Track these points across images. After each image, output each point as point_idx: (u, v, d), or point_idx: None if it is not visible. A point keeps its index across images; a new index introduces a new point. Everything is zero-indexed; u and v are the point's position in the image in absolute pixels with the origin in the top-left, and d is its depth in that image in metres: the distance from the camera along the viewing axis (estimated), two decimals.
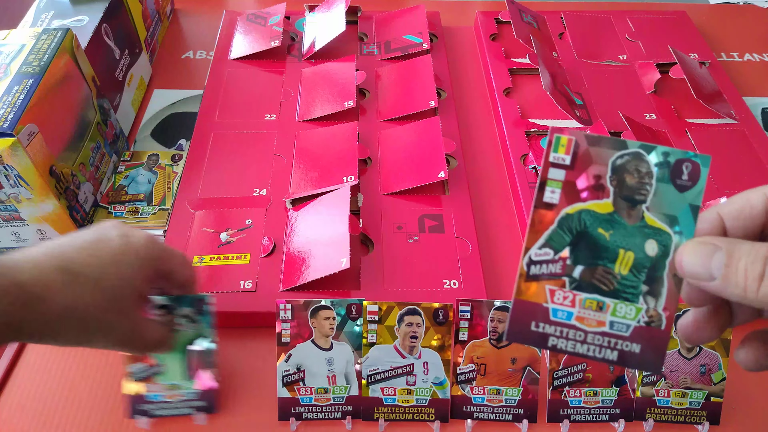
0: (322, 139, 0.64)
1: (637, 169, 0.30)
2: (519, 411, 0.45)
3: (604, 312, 0.30)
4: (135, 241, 0.37)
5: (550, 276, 0.30)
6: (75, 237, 0.37)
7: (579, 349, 0.31)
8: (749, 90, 0.76)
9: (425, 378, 0.44)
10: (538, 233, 0.30)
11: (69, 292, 0.33)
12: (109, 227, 0.38)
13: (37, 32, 0.54)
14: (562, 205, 0.30)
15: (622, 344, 0.30)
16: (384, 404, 0.45)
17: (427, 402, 0.45)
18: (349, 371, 0.45)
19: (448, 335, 0.44)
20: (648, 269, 0.30)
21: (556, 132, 0.30)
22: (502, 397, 0.45)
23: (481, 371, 0.44)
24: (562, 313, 0.31)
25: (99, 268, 0.35)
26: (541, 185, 0.30)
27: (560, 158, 0.30)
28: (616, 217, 0.30)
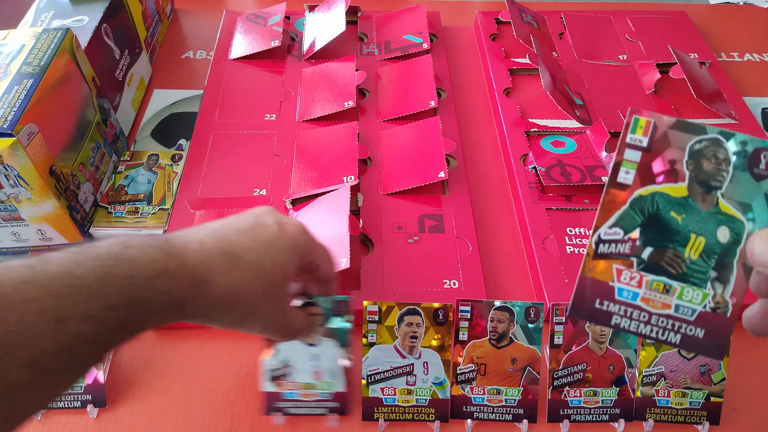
0: (322, 139, 0.64)
1: (715, 155, 0.30)
2: (519, 411, 0.45)
3: (670, 295, 0.31)
4: (290, 229, 0.38)
5: (618, 255, 0.31)
6: (235, 220, 0.37)
7: (642, 330, 0.31)
8: (749, 90, 0.76)
9: (425, 378, 0.44)
10: (610, 212, 0.30)
11: (231, 275, 0.34)
12: (265, 213, 0.38)
13: (37, 32, 0.54)
14: (636, 187, 0.30)
15: (686, 328, 0.31)
16: (384, 404, 0.45)
17: (427, 402, 0.45)
18: (336, 367, 0.45)
19: (448, 335, 0.44)
20: (718, 255, 0.30)
21: (635, 113, 0.30)
22: (502, 397, 0.45)
23: (481, 371, 0.44)
24: (628, 293, 0.31)
25: (257, 253, 0.35)
26: (615, 165, 0.30)
27: (637, 140, 0.30)
28: (690, 202, 0.30)
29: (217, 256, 0.34)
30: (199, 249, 0.33)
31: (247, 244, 0.35)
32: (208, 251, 0.33)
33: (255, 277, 0.35)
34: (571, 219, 0.57)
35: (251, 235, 0.36)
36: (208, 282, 0.33)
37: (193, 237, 0.34)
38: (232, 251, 0.34)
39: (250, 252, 0.35)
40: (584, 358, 0.45)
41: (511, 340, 0.44)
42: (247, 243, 0.35)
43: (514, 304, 0.44)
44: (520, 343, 0.44)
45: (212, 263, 0.33)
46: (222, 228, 0.36)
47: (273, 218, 0.38)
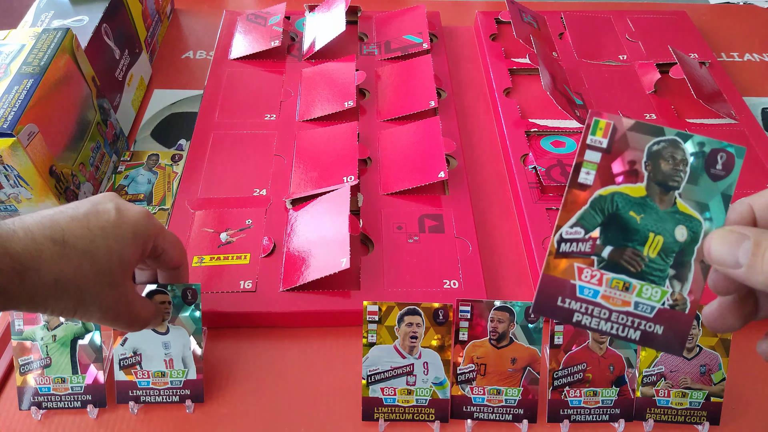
0: (322, 139, 0.64)
1: (673, 156, 0.30)
2: (519, 411, 0.45)
3: (629, 292, 0.31)
4: (130, 216, 0.37)
5: (579, 254, 0.31)
6: (69, 207, 0.36)
7: (603, 327, 0.32)
8: (749, 90, 0.76)
9: (425, 378, 0.44)
10: (571, 212, 0.31)
11: (60, 263, 0.33)
12: (104, 200, 0.38)
13: (37, 32, 0.54)
14: (596, 187, 0.31)
15: (645, 325, 0.31)
16: (384, 404, 0.45)
17: (427, 402, 0.45)
18: (186, 355, 0.45)
19: (448, 335, 0.44)
20: (676, 254, 0.31)
21: (595, 115, 0.31)
22: (502, 397, 0.45)
23: (481, 371, 0.44)
24: (589, 291, 0.31)
25: (91, 240, 0.35)
26: (576, 166, 0.31)
27: (597, 141, 0.31)
28: (649, 202, 0.31)
29: (44, 244, 0.33)
30: (25, 236, 0.33)
31: (80, 231, 0.35)
32: (35, 238, 0.33)
33: (88, 265, 0.34)
34: None
35: (85, 222, 0.35)
36: (33, 269, 0.32)
37: (21, 224, 0.34)
38: (63, 238, 0.34)
39: (83, 239, 0.35)
40: (584, 358, 0.45)
41: (511, 340, 0.44)
42: (80, 230, 0.35)
43: (514, 304, 0.44)
44: (520, 343, 0.44)
45: (39, 250, 0.33)
46: (54, 215, 0.35)
47: (113, 204, 0.37)
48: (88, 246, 0.35)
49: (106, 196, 0.38)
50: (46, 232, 0.34)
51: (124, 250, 0.36)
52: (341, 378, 0.48)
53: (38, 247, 0.33)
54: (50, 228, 0.34)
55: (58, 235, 0.34)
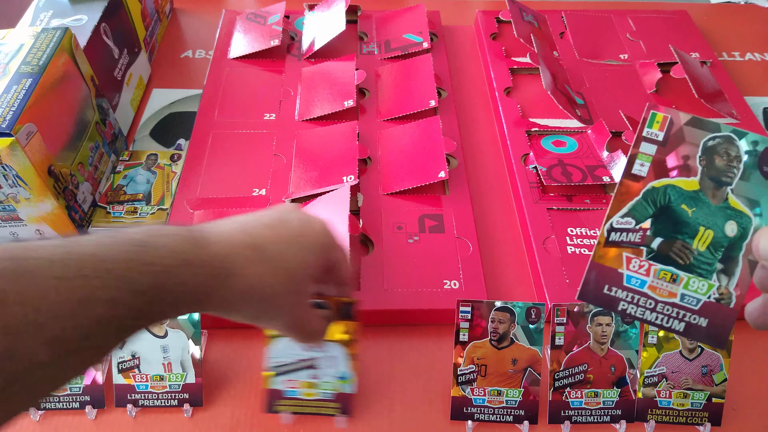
0: (322, 138, 0.64)
1: (727, 152, 0.31)
2: (520, 412, 0.45)
3: (677, 284, 0.32)
4: (314, 226, 0.37)
5: (628, 244, 0.32)
6: (260, 215, 0.37)
7: (648, 317, 0.32)
8: (750, 89, 0.75)
9: (329, 372, 0.44)
10: (623, 202, 0.32)
11: (255, 268, 0.33)
12: (288, 210, 0.38)
13: (36, 31, 0.54)
14: (650, 179, 0.32)
15: (690, 317, 0.32)
16: (286, 397, 0.45)
17: (331, 396, 0.45)
18: (185, 358, 0.45)
19: (354, 330, 0.44)
20: (725, 249, 0.31)
21: (652, 108, 0.31)
22: (502, 399, 0.45)
23: (482, 372, 0.44)
24: (636, 281, 0.32)
25: (281, 248, 0.35)
26: (631, 157, 0.32)
27: (654, 134, 0.31)
28: (701, 196, 0.31)
29: (242, 249, 0.33)
30: (225, 241, 0.33)
31: (271, 239, 0.35)
32: (233, 244, 0.33)
33: (278, 272, 0.35)
34: (572, 219, 0.57)
35: (276, 230, 0.36)
36: (232, 275, 0.32)
37: (219, 229, 0.34)
38: (258, 245, 0.34)
39: (275, 247, 0.35)
40: (585, 359, 0.44)
41: (512, 340, 0.44)
42: (271, 238, 0.35)
43: (515, 305, 0.44)
44: (521, 344, 0.44)
45: (237, 256, 0.33)
46: (248, 222, 0.36)
47: (296, 215, 0.38)
48: (279, 254, 0.35)
49: (289, 206, 0.39)
50: (244, 239, 0.34)
51: (310, 260, 0.36)
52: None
53: (236, 252, 0.33)
54: (244, 234, 0.34)
55: (254, 242, 0.34)
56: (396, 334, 0.51)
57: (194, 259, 0.31)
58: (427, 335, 0.51)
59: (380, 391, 0.47)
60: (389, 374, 0.48)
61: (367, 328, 0.51)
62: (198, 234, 0.32)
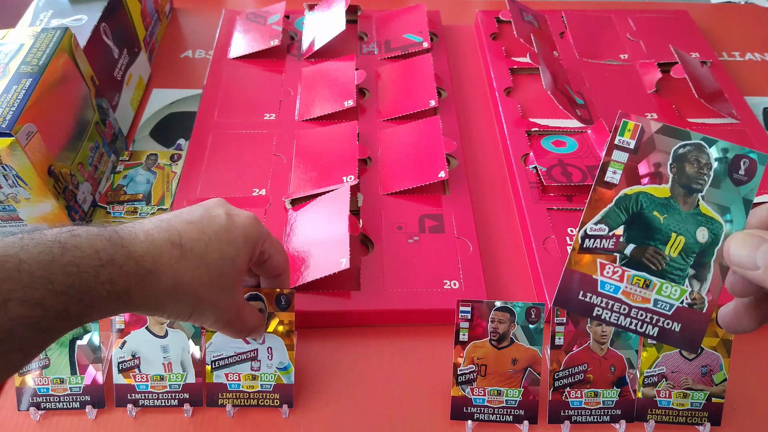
0: (322, 138, 0.64)
1: (698, 160, 0.32)
2: (520, 412, 0.45)
3: (650, 290, 0.32)
4: (240, 221, 0.37)
5: (602, 250, 0.33)
6: (183, 212, 0.37)
7: (622, 322, 0.33)
8: (751, 89, 0.75)
9: (269, 363, 0.44)
10: (596, 210, 0.32)
11: (179, 266, 0.33)
12: (215, 205, 0.38)
13: (36, 31, 0.54)
14: (622, 186, 0.32)
15: (663, 322, 0.32)
16: (228, 390, 0.45)
17: (272, 387, 0.45)
18: (185, 358, 0.45)
19: (292, 321, 0.44)
20: (696, 254, 0.32)
21: (623, 116, 0.32)
22: (502, 398, 0.45)
23: (482, 372, 0.44)
24: (610, 287, 0.33)
25: (206, 244, 0.35)
26: (603, 165, 0.32)
27: (625, 142, 0.32)
28: (672, 203, 0.32)
29: (164, 247, 0.33)
30: (146, 239, 0.33)
31: (196, 235, 0.35)
32: (155, 241, 0.33)
33: (204, 269, 0.34)
34: (572, 219, 0.57)
35: (200, 226, 0.35)
36: (155, 273, 0.32)
37: (140, 228, 0.34)
38: (181, 242, 0.34)
39: (199, 243, 0.35)
40: (585, 358, 0.44)
41: (512, 340, 0.44)
42: (196, 234, 0.35)
43: (515, 305, 0.44)
44: (521, 344, 0.44)
45: (159, 254, 0.33)
46: (171, 219, 0.35)
47: (223, 209, 0.37)
48: (204, 250, 0.35)
49: (216, 201, 0.38)
50: (165, 236, 0.34)
51: (237, 254, 0.36)
52: (340, 378, 0.48)
53: (159, 251, 0.33)
54: (168, 231, 0.34)
55: (176, 239, 0.34)
56: (396, 334, 0.51)
57: (114, 259, 0.31)
58: (427, 335, 0.51)
59: (380, 391, 0.47)
60: (389, 374, 0.48)
61: (367, 328, 0.51)
62: (118, 233, 0.32)
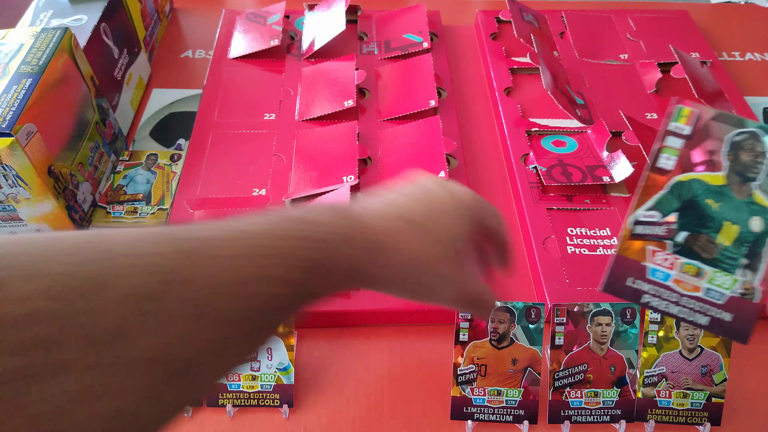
0: (322, 138, 0.64)
1: (753, 148, 0.31)
2: (520, 412, 0.45)
3: (701, 278, 0.32)
4: (461, 196, 0.37)
5: (653, 237, 0.32)
6: (406, 190, 0.36)
7: (671, 310, 0.33)
8: (751, 89, 0.75)
9: (269, 363, 0.45)
10: (648, 196, 0.32)
11: (413, 242, 0.33)
12: (431, 182, 0.37)
13: (36, 31, 0.54)
14: (675, 172, 0.32)
15: (714, 311, 0.32)
16: (228, 390, 0.45)
17: (272, 387, 0.45)
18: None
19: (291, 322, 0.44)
20: (750, 244, 0.31)
21: (679, 102, 0.31)
22: (502, 398, 0.45)
23: (482, 372, 0.44)
24: (660, 274, 0.33)
25: (435, 220, 0.34)
26: (657, 151, 0.32)
27: (680, 128, 0.32)
28: (726, 191, 0.31)
29: (397, 223, 0.33)
30: (380, 216, 0.33)
31: (421, 210, 0.34)
32: (388, 218, 0.33)
33: (436, 244, 0.34)
34: (572, 219, 0.57)
35: (426, 203, 0.35)
36: (391, 249, 0.32)
37: (371, 206, 0.34)
38: (412, 218, 0.34)
39: (429, 219, 0.34)
40: (585, 358, 0.44)
41: (512, 340, 0.44)
42: (420, 209, 0.34)
43: (514, 305, 0.44)
44: (521, 344, 0.44)
45: (394, 230, 0.33)
46: (397, 197, 0.35)
47: (440, 185, 0.37)
48: (434, 226, 0.34)
49: (429, 179, 0.37)
50: (397, 212, 0.33)
51: (464, 228, 0.35)
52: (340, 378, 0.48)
53: (389, 225, 0.32)
54: (399, 208, 0.34)
55: (408, 215, 0.33)
56: (396, 334, 0.51)
57: (353, 235, 0.31)
58: (427, 335, 0.51)
59: (380, 391, 0.47)
60: (389, 374, 0.48)
61: (367, 328, 0.51)
62: (351, 211, 0.32)
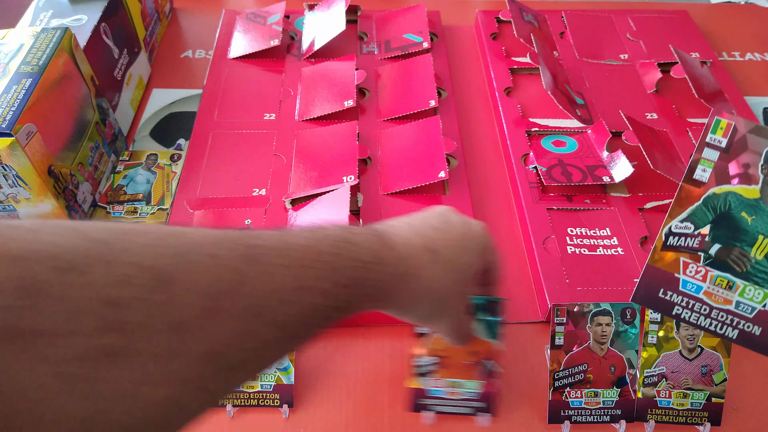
0: (322, 138, 0.64)
1: None
2: (479, 404, 0.45)
3: (732, 291, 0.32)
4: (475, 229, 0.38)
5: (686, 249, 0.32)
6: (424, 217, 0.38)
7: (702, 322, 0.33)
8: (750, 89, 0.75)
9: None
10: (683, 207, 0.32)
11: (431, 270, 0.34)
12: (448, 212, 0.39)
13: (36, 31, 0.54)
14: (711, 185, 0.32)
15: (744, 324, 0.32)
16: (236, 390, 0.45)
17: (272, 387, 0.45)
18: None
19: None
20: None
21: (717, 114, 0.31)
22: (461, 390, 0.45)
23: (441, 364, 0.44)
24: (692, 286, 0.33)
25: (452, 251, 0.36)
26: (693, 163, 0.32)
27: (717, 140, 0.32)
28: (762, 205, 0.31)
29: (421, 252, 0.34)
30: (406, 243, 0.34)
31: (444, 242, 0.36)
32: (414, 246, 0.34)
33: (450, 274, 0.35)
34: (572, 219, 0.57)
35: (445, 233, 0.37)
36: (414, 275, 0.33)
37: (398, 231, 0.35)
38: (433, 248, 0.35)
39: (447, 249, 0.36)
40: (585, 358, 0.44)
41: None
42: (444, 241, 0.36)
43: (474, 299, 0.43)
44: (480, 337, 0.44)
45: (417, 258, 0.34)
46: (418, 226, 0.37)
47: (458, 218, 0.38)
48: (452, 256, 0.36)
49: (445, 208, 0.39)
50: (421, 241, 0.35)
51: (474, 261, 0.37)
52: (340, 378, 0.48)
53: (418, 255, 0.34)
54: (423, 237, 0.35)
55: (431, 245, 0.35)
56: (396, 334, 0.51)
57: (385, 259, 0.32)
58: None
59: (380, 391, 0.47)
60: (389, 374, 0.48)
61: (367, 328, 0.51)
62: (384, 234, 0.34)
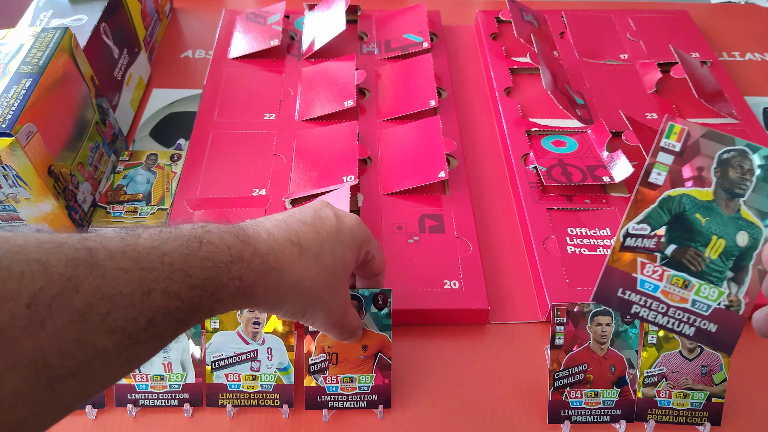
0: (322, 138, 0.64)
1: (741, 165, 0.32)
2: (373, 397, 0.45)
3: (688, 290, 0.33)
4: (347, 222, 0.38)
5: (643, 249, 0.33)
6: (295, 213, 0.38)
7: (659, 320, 0.34)
8: (751, 89, 0.75)
9: (269, 364, 0.45)
10: (639, 210, 0.33)
11: (298, 265, 0.35)
12: (321, 206, 0.39)
13: (36, 31, 0.54)
14: (666, 188, 0.33)
15: (700, 322, 0.33)
16: (228, 390, 0.45)
17: (272, 387, 0.45)
18: (185, 359, 0.45)
19: (292, 321, 0.44)
20: (736, 258, 0.33)
21: (670, 120, 0.32)
22: (355, 385, 0.45)
23: (333, 360, 0.45)
24: (650, 285, 0.33)
25: (321, 244, 0.36)
26: (648, 166, 0.33)
27: (671, 144, 0.33)
28: (714, 206, 0.33)
29: (286, 246, 0.34)
30: (269, 238, 0.34)
31: (311, 235, 0.36)
32: (277, 240, 0.34)
33: (319, 268, 0.36)
34: (572, 219, 0.57)
35: (314, 227, 0.37)
36: (278, 270, 0.33)
37: (262, 227, 0.35)
38: (299, 242, 0.35)
39: (315, 243, 0.36)
40: (585, 358, 0.44)
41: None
42: (311, 235, 0.36)
43: (362, 292, 0.44)
44: (370, 330, 0.44)
45: (282, 253, 0.34)
46: (287, 220, 0.37)
47: (331, 211, 0.39)
48: (319, 249, 0.36)
49: (321, 203, 0.39)
50: (285, 235, 0.35)
51: (346, 255, 0.37)
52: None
53: (281, 249, 0.34)
54: (287, 231, 0.35)
55: (295, 239, 0.35)
56: (396, 334, 0.51)
57: (243, 256, 0.32)
58: (427, 335, 0.51)
59: None
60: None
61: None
62: (244, 231, 0.34)
